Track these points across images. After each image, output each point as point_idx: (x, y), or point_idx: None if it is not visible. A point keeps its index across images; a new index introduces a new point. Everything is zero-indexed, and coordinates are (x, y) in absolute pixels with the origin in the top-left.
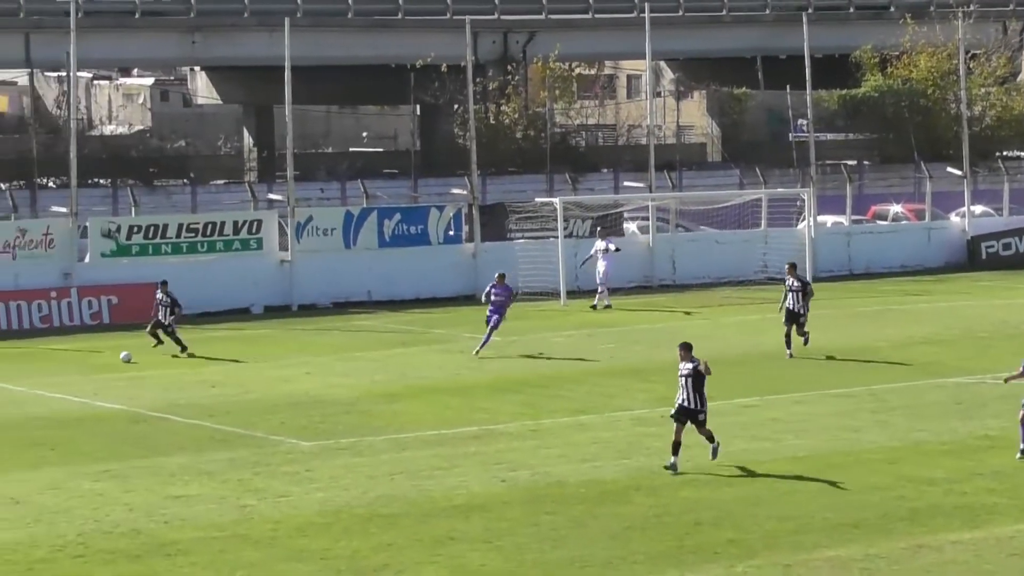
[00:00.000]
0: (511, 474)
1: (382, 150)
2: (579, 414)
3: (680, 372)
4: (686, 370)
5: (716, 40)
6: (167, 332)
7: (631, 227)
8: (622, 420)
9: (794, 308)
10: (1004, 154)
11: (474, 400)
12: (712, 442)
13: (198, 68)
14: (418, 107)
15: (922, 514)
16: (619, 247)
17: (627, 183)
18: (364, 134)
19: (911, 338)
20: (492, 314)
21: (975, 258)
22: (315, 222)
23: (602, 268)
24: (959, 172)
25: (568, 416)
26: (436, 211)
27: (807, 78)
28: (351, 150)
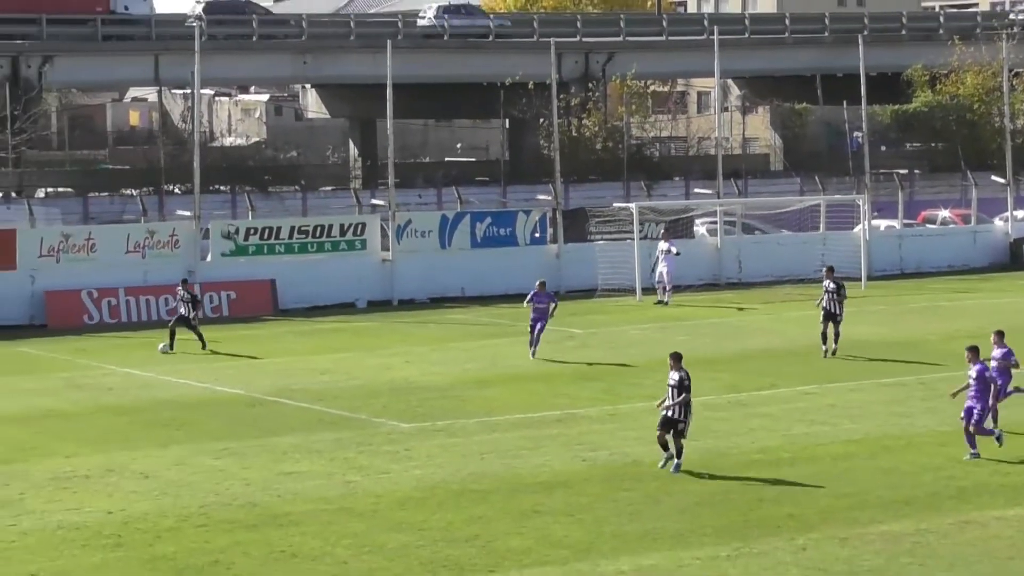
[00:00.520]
0: (591, 454)
1: (474, 160)
2: (653, 400)
3: (669, 382)
4: (674, 380)
5: (779, 60)
6: (190, 327)
7: (700, 230)
8: (693, 405)
9: (831, 309)
10: None
11: (557, 387)
12: (678, 457)
13: (309, 86)
14: (507, 121)
15: (969, 492)
16: (680, 251)
17: (697, 190)
18: (458, 145)
19: (957, 331)
20: (536, 322)
21: (1017, 259)
22: (414, 225)
23: (664, 268)
24: (1002, 180)
25: (643, 402)
26: (523, 215)
27: (863, 94)
28: (446, 160)
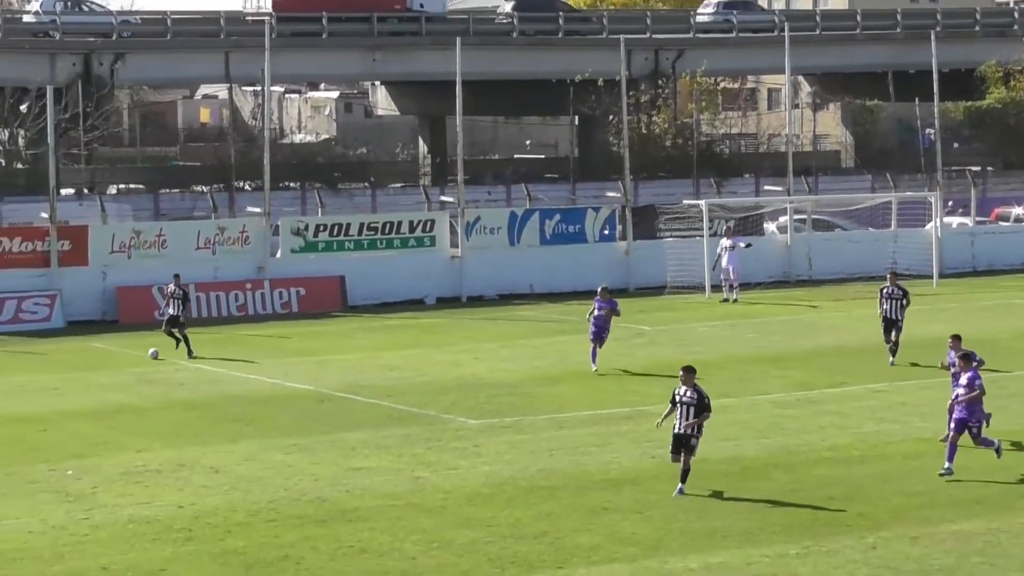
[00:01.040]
0: (660, 451)
1: (543, 157)
2: (721, 397)
3: (680, 399)
4: (688, 397)
5: (850, 56)
6: (177, 327)
7: (770, 227)
8: (761, 403)
9: (892, 316)
10: None
11: (626, 384)
12: (683, 481)
13: (378, 83)
14: (576, 118)
15: None
16: (750, 243)
17: (767, 187)
18: (527, 142)
19: None
20: (596, 335)
21: None
22: (483, 222)
23: (731, 266)
24: None
25: (711, 399)
26: (592, 212)
27: (935, 91)
28: (515, 157)
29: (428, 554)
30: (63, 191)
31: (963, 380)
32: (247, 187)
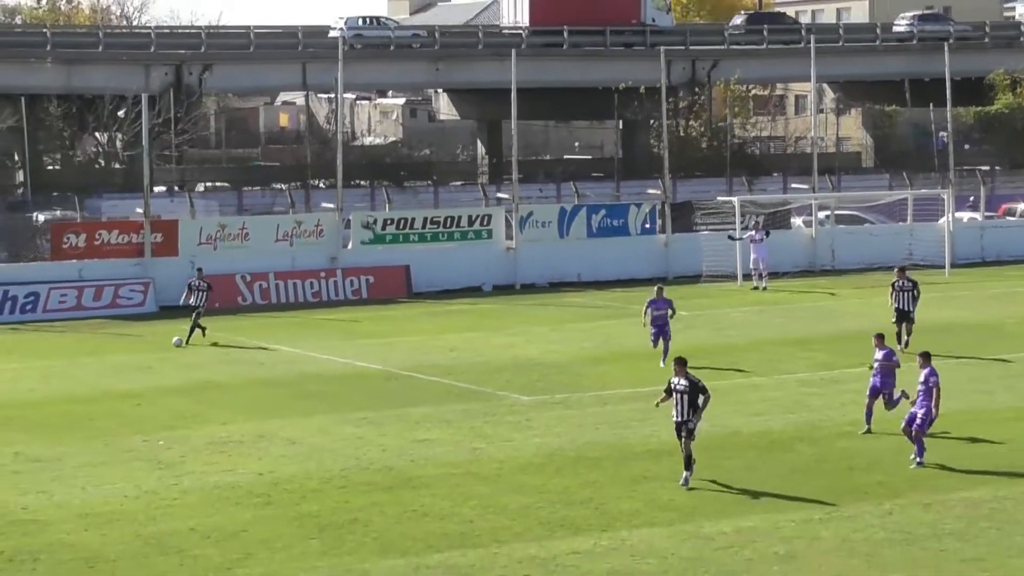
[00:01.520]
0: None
1: (590, 157)
2: (752, 376)
3: (675, 388)
4: (681, 386)
5: (871, 66)
6: (194, 312)
7: (797, 221)
8: (788, 382)
9: (904, 307)
10: None
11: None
12: (687, 469)
13: (441, 90)
14: (621, 122)
15: None
16: (763, 236)
17: (794, 185)
18: (576, 144)
19: None
20: (656, 334)
21: None
22: (535, 216)
23: (759, 256)
24: None
25: (742, 378)
26: (635, 208)
27: (948, 97)
28: (565, 157)
29: (484, 518)
30: (156, 189)
31: (920, 377)
32: (322, 185)
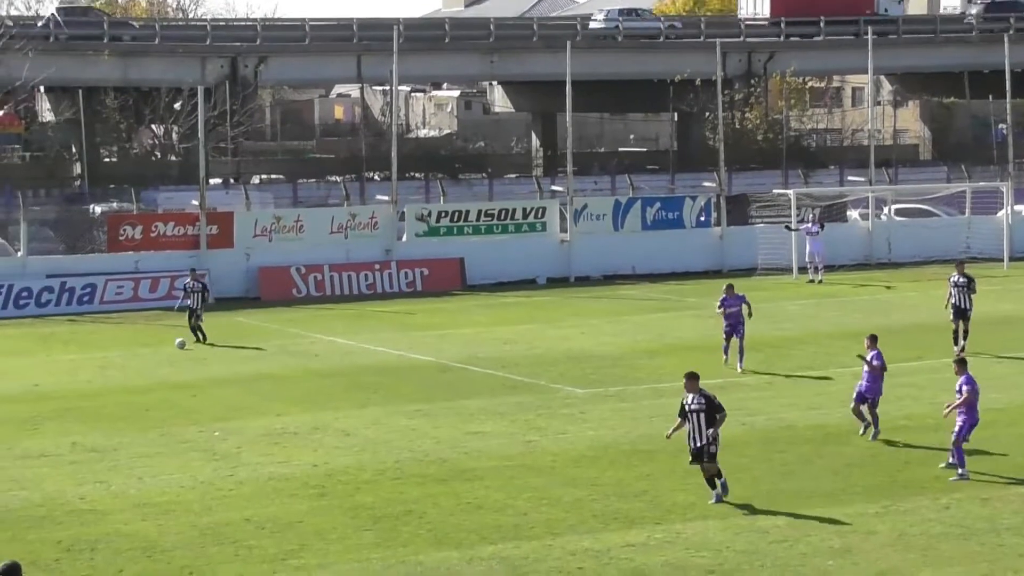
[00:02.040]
0: (749, 418)
1: (645, 150)
2: (807, 369)
3: (689, 407)
4: (696, 404)
5: (929, 58)
6: (193, 316)
7: (853, 214)
8: (843, 375)
9: (961, 304)
10: None
11: (720, 357)
12: (713, 488)
13: (495, 83)
14: (676, 114)
15: None
16: (816, 230)
17: (850, 177)
18: (631, 136)
19: None
20: (730, 331)
21: None
22: (589, 209)
23: (814, 249)
24: None
25: (799, 372)
26: (690, 200)
27: (1007, 89)
28: (620, 150)
29: (538, 510)
30: (212, 181)
31: (956, 386)
32: (376, 177)
